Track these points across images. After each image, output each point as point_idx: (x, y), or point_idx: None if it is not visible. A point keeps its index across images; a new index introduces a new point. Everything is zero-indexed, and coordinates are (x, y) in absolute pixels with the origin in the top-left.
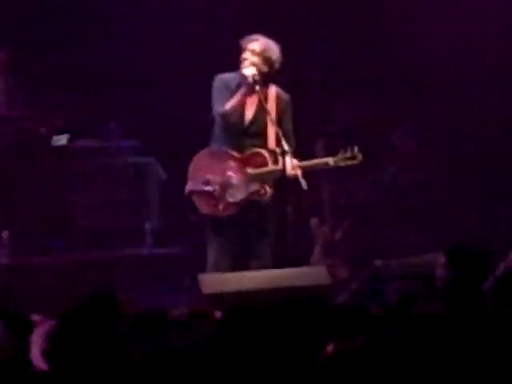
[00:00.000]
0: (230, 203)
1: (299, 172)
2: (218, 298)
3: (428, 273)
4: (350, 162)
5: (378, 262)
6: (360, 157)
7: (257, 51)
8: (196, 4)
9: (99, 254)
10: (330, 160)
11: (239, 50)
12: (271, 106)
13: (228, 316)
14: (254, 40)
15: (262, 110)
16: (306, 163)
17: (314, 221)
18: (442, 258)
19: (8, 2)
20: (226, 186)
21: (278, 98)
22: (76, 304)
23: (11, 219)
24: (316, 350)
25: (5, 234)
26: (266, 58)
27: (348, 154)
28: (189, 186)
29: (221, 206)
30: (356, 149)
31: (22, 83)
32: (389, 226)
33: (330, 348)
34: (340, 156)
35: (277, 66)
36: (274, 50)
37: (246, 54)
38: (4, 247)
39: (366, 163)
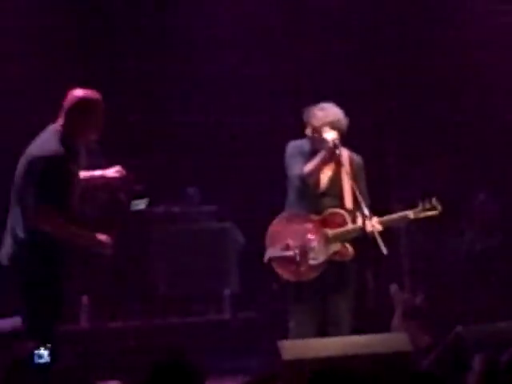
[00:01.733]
0: (311, 266)
1: (379, 227)
2: (298, 365)
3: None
4: (430, 213)
5: (459, 328)
6: (440, 207)
7: (330, 127)
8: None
9: (178, 319)
10: (410, 213)
11: (306, 122)
12: (346, 168)
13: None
14: (324, 119)
15: (337, 172)
16: (385, 218)
17: (393, 287)
18: None
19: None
20: (306, 249)
21: (351, 160)
22: (153, 371)
23: (91, 284)
24: None
25: (84, 299)
26: (337, 129)
27: (427, 205)
28: (268, 253)
29: (303, 270)
30: (434, 200)
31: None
32: (469, 292)
33: None
34: (419, 208)
35: (344, 130)
36: (342, 117)
37: (315, 129)
38: (84, 312)
39: (444, 228)
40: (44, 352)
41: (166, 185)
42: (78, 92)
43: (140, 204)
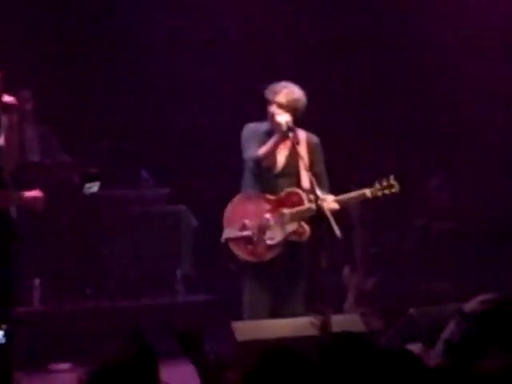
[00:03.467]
0: (269, 246)
1: (336, 206)
2: (252, 346)
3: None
4: (387, 192)
5: (412, 311)
6: (397, 186)
7: (284, 104)
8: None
9: (131, 302)
10: (367, 191)
11: (265, 101)
12: (302, 150)
13: (263, 362)
14: (279, 91)
15: (293, 154)
16: (342, 197)
17: (346, 269)
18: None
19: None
20: (263, 228)
21: (309, 141)
22: (108, 352)
23: (43, 266)
24: None
25: (36, 281)
26: (293, 109)
27: (385, 184)
28: (225, 234)
29: (260, 250)
30: (392, 177)
31: (54, 130)
32: (419, 275)
33: None
34: (377, 186)
35: (303, 111)
36: (300, 97)
37: (274, 108)
38: (35, 294)
39: (396, 215)
40: None
41: (119, 168)
42: None
43: (93, 187)
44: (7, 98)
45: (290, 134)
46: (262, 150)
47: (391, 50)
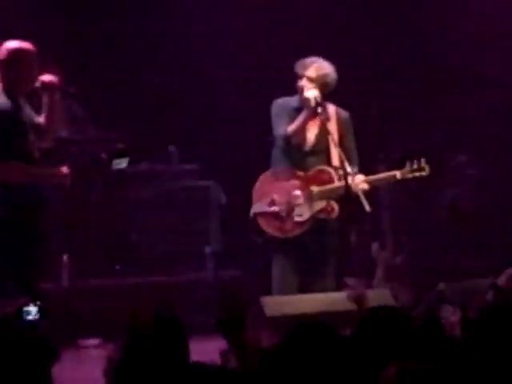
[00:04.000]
0: (296, 222)
1: (366, 186)
2: (281, 321)
3: None
4: (417, 174)
5: (441, 286)
6: (427, 168)
7: (313, 77)
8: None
9: (160, 278)
10: (397, 173)
11: (295, 75)
12: (332, 125)
13: (293, 335)
14: (308, 66)
15: (323, 130)
16: (372, 178)
17: (374, 245)
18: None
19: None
20: (292, 205)
21: (338, 116)
22: (136, 328)
23: (71, 243)
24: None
25: (65, 257)
26: (323, 83)
27: (415, 166)
28: (254, 209)
29: (288, 226)
30: (423, 161)
31: (83, 107)
32: (448, 251)
33: (391, 370)
34: (407, 168)
35: (333, 86)
36: (330, 72)
37: (304, 81)
38: (63, 270)
39: (427, 186)
40: (32, 309)
41: (147, 144)
42: (10, 43)
43: (121, 163)
44: (47, 77)
45: (319, 110)
46: (292, 127)
47: (416, 27)
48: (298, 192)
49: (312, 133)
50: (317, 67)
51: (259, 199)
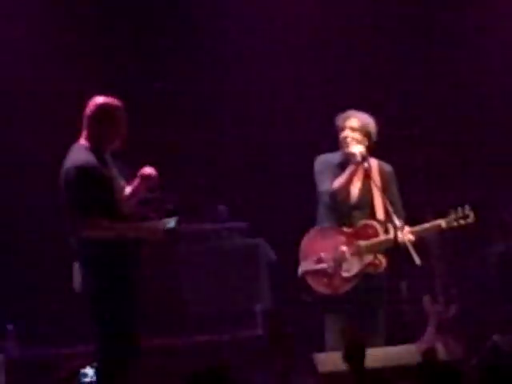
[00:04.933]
0: (345, 279)
1: (412, 237)
2: (334, 377)
3: None
4: (463, 222)
5: (496, 337)
6: (472, 216)
7: (356, 127)
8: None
9: (210, 336)
10: (442, 222)
11: (336, 129)
12: (375, 180)
13: None
14: (350, 117)
15: (367, 184)
16: (417, 228)
17: (426, 298)
18: None
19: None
20: (339, 261)
21: (381, 170)
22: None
23: None
24: None
25: None
26: (366, 133)
27: (460, 214)
28: (302, 267)
29: (336, 283)
30: (467, 207)
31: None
32: (500, 302)
33: None
34: (452, 216)
35: (375, 137)
36: (371, 123)
37: (347, 132)
38: None
39: (475, 239)
40: (89, 371)
41: (196, 203)
42: (99, 99)
43: (171, 222)
44: (148, 170)
45: (365, 164)
46: (337, 183)
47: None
48: (344, 247)
49: (356, 187)
50: (359, 117)
51: (306, 257)
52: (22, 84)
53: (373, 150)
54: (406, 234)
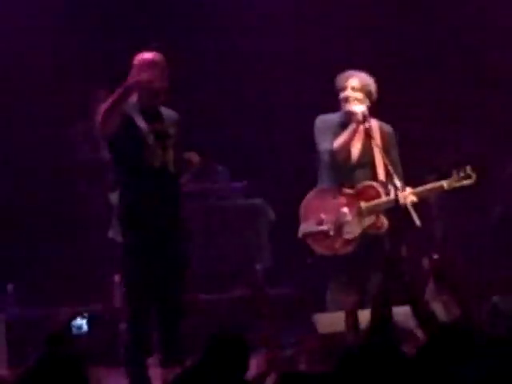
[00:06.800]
0: (347, 240)
1: (414, 199)
2: (333, 338)
3: None
4: (465, 183)
5: (495, 298)
6: (474, 176)
7: (357, 87)
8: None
9: (210, 296)
10: (444, 183)
11: (336, 90)
12: (376, 139)
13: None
14: (351, 76)
15: (368, 144)
16: (419, 189)
17: (425, 259)
18: None
19: None
20: (341, 223)
21: (382, 130)
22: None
23: None
24: None
25: (116, 277)
26: (367, 93)
27: (461, 174)
28: (302, 229)
29: (338, 245)
30: (469, 168)
31: None
32: (500, 263)
33: None
34: (453, 177)
35: (375, 97)
36: (371, 82)
37: (348, 92)
38: (115, 291)
39: (473, 199)
40: (81, 321)
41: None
42: (140, 54)
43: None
44: (195, 157)
45: (366, 124)
46: (338, 142)
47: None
48: (345, 209)
49: (356, 147)
50: (359, 77)
51: (307, 219)
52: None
53: (373, 110)
54: (408, 196)
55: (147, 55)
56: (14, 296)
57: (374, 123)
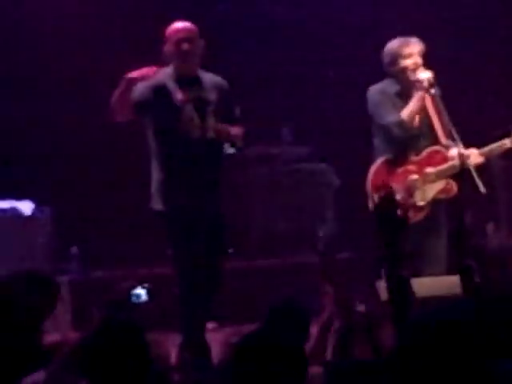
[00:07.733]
0: (418, 207)
1: (481, 159)
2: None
3: None
4: None
5: None
6: None
7: (419, 52)
8: None
9: (272, 261)
10: (507, 141)
11: (391, 58)
12: (440, 106)
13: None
14: (410, 43)
15: (424, 110)
16: (485, 149)
17: (490, 226)
18: None
19: None
20: (411, 190)
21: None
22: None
23: None
24: None
25: None
26: (424, 57)
27: None
28: (373, 200)
29: (411, 213)
30: None
31: None
32: None
33: None
34: None
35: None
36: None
37: (415, 58)
38: None
39: None
40: (141, 291)
41: (260, 125)
42: (171, 24)
43: (230, 149)
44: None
45: (433, 91)
46: (406, 113)
47: None
48: (415, 176)
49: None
50: (418, 42)
51: (376, 189)
52: None
53: None
54: (476, 157)
55: (178, 25)
56: (78, 258)
57: None
